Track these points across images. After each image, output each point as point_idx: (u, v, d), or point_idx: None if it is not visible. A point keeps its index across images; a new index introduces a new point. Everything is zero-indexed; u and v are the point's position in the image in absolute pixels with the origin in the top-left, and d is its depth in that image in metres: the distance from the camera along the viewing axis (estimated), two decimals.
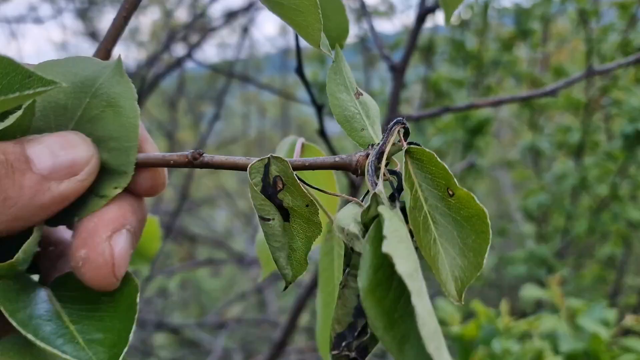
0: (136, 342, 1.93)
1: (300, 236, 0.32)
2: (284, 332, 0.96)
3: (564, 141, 1.84)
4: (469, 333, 0.99)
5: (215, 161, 0.34)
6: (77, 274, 0.32)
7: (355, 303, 0.27)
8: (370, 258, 0.25)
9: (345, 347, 0.27)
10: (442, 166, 0.29)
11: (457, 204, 0.29)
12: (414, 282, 0.23)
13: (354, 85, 0.36)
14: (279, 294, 2.55)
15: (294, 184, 0.31)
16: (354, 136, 0.33)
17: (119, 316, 0.31)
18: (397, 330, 0.25)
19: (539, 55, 2.15)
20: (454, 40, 1.96)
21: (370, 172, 0.29)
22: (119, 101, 0.34)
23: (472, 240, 0.28)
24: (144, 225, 0.36)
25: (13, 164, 0.30)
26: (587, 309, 1.11)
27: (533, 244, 1.89)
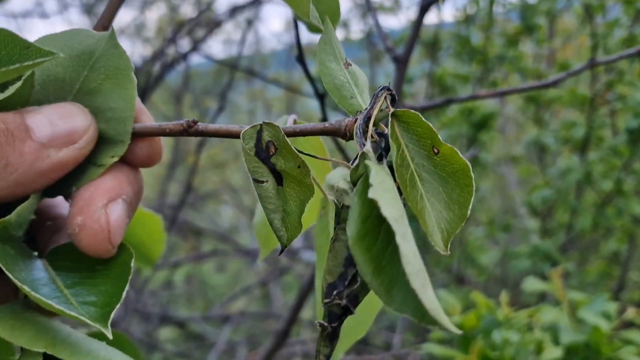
0: (141, 335, 1.95)
1: (294, 199, 0.33)
2: (287, 322, 0.97)
3: (569, 136, 1.84)
4: (469, 323, 0.99)
5: (209, 129, 0.35)
6: (74, 240, 0.33)
7: (345, 254, 0.29)
8: (358, 209, 0.26)
9: (337, 296, 0.29)
10: (427, 125, 0.30)
11: (442, 161, 0.30)
12: (399, 225, 0.24)
13: (343, 56, 0.37)
14: (284, 289, 2.56)
15: (286, 146, 0.32)
16: (343, 104, 0.34)
17: (112, 281, 0.32)
18: (385, 275, 0.26)
19: (545, 51, 2.15)
20: (459, 35, 1.96)
21: (359, 134, 0.30)
22: (116, 73, 0.35)
23: (457, 194, 0.30)
24: (140, 197, 0.37)
25: (13, 132, 0.31)
26: (588, 301, 1.12)
27: (537, 239, 1.89)
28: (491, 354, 0.94)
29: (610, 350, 1.04)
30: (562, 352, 0.99)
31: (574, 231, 1.87)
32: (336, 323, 0.29)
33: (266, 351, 0.95)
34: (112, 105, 0.35)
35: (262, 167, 0.32)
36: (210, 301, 2.73)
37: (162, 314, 2.04)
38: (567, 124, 1.87)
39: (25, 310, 0.33)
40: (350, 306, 0.29)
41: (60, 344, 0.30)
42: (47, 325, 0.31)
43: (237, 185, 3.12)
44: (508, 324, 1.01)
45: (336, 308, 0.29)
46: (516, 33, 1.95)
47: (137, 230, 0.53)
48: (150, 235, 0.54)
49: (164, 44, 1.72)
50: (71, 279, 0.33)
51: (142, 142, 0.36)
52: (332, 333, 0.29)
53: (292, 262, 2.27)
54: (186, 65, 2.19)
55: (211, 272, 2.97)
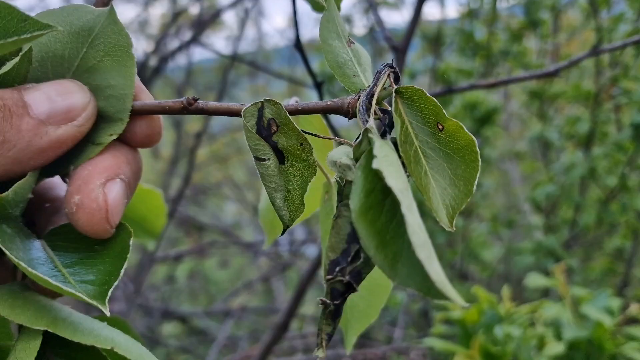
0: (144, 330, 1.95)
1: (296, 178, 0.33)
2: (286, 314, 0.96)
3: (573, 132, 1.83)
4: (470, 318, 0.99)
5: (209, 107, 0.34)
6: (71, 220, 0.33)
7: (348, 230, 0.28)
8: (361, 183, 0.26)
9: (339, 272, 0.28)
10: (432, 101, 0.29)
11: (447, 138, 0.30)
12: (404, 197, 0.24)
13: (346, 34, 0.37)
14: (287, 285, 2.56)
15: (288, 123, 0.31)
16: (345, 82, 0.34)
17: (111, 260, 0.32)
18: (389, 249, 0.25)
19: (549, 46, 2.13)
20: (462, 30, 1.95)
21: (362, 111, 0.30)
22: (115, 50, 0.35)
23: (462, 170, 0.29)
24: (138, 178, 0.37)
25: (11, 109, 0.31)
26: (591, 297, 1.11)
27: (541, 236, 1.88)
28: (492, 349, 0.93)
29: (613, 346, 1.03)
30: (564, 347, 0.99)
31: (577, 227, 1.86)
32: (339, 300, 0.28)
33: (265, 344, 0.94)
34: (111, 82, 0.35)
35: (263, 144, 0.32)
36: (212, 297, 2.73)
37: (165, 309, 2.04)
38: (572, 120, 1.86)
39: (24, 290, 0.32)
40: (353, 283, 0.28)
41: (62, 322, 0.30)
42: (48, 304, 0.31)
43: (240, 181, 3.12)
44: (510, 319, 1.00)
45: (339, 285, 0.28)
46: (520, 28, 1.94)
47: (138, 206, 0.53)
48: (151, 210, 0.54)
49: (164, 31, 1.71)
50: (69, 259, 0.32)
51: (141, 121, 0.36)
52: (335, 311, 0.28)
53: (295, 257, 2.27)
54: (188, 60, 2.19)
55: (214, 269, 2.96)
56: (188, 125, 2.54)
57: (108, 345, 0.29)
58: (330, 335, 0.29)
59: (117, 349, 0.29)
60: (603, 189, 1.81)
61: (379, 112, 0.31)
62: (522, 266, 1.77)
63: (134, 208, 0.54)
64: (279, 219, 0.33)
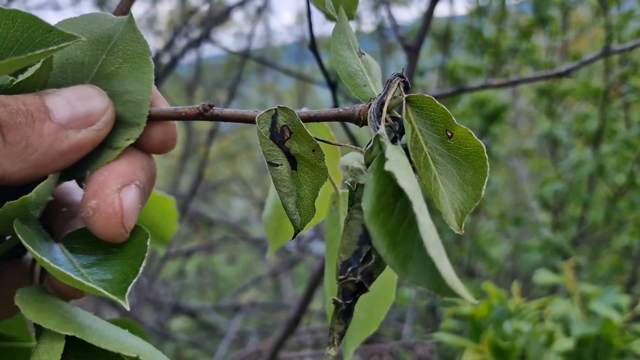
0: (153, 324, 1.97)
1: (307, 184, 0.33)
2: (298, 310, 0.97)
3: (582, 129, 1.82)
4: (480, 313, 0.99)
5: (224, 114, 0.35)
6: (87, 224, 0.34)
7: (360, 232, 0.29)
8: (373, 185, 0.27)
9: (351, 273, 0.29)
10: (441, 109, 0.30)
11: (455, 144, 0.31)
12: (416, 198, 0.25)
13: (357, 46, 0.38)
14: (294, 281, 2.57)
15: (301, 130, 0.32)
16: (356, 92, 0.35)
17: (128, 261, 0.33)
18: (400, 250, 0.26)
19: (558, 43, 2.13)
20: (471, 27, 1.95)
21: (373, 118, 0.31)
22: (134, 57, 0.35)
23: (471, 175, 0.30)
24: (152, 184, 0.37)
25: (33, 114, 0.32)
26: (600, 294, 1.11)
27: (548, 233, 1.88)
28: (502, 344, 0.94)
29: (621, 343, 1.03)
30: (573, 343, 0.99)
31: (585, 225, 1.85)
32: (350, 300, 0.29)
33: (277, 339, 0.95)
34: (129, 88, 0.36)
35: (276, 150, 0.33)
36: (221, 293, 2.74)
37: (174, 303, 2.06)
38: (580, 117, 1.85)
39: (46, 294, 0.33)
40: (364, 283, 0.29)
41: (88, 329, 0.30)
42: (72, 309, 0.32)
43: (248, 178, 3.13)
44: (519, 315, 1.01)
45: (350, 285, 0.29)
46: (529, 25, 1.93)
47: (151, 212, 0.54)
48: (164, 216, 0.55)
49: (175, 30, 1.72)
50: (87, 260, 0.33)
51: (157, 126, 0.36)
52: (347, 310, 0.29)
53: (303, 254, 2.28)
54: (198, 57, 2.20)
55: (222, 265, 2.98)
56: (197, 122, 2.55)
57: (134, 353, 0.30)
58: (341, 334, 0.30)
59: (142, 357, 0.30)
60: (611, 187, 1.81)
61: (390, 120, 0.32)
62: (530, 263, 1.77)
63: (146, 214, 0.55)
64: (291, 223, 0.34)
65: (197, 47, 1.73)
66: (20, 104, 0.32)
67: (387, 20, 0.86)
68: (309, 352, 1.43)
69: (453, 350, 1.59)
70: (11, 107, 0.31)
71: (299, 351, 1.56)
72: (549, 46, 2.16)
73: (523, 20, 2.01)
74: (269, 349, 0.95)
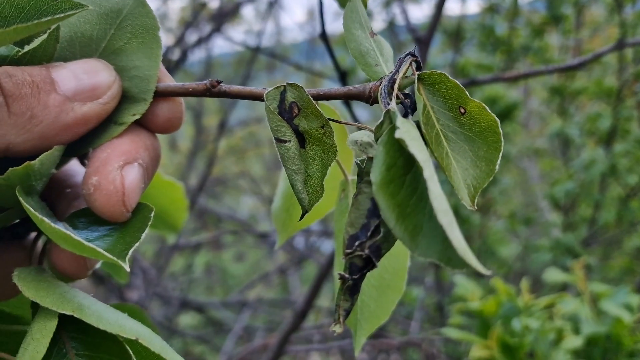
0: (161, 319, 1.97)
1: (316, 162, 0.33)
2: (306, 301, 0.97)
3: (594, 128, 1.80)
4: (489, 309, 0.98)
5: (232, 90, 0.35)
6: (88, 201, 0.33)
7: (368, 205, 0.28)
8: (383, 157, 0.26)
9: (358, 247, 0.28)
10: (454, 84, 0.30)
11: (469, 121, 0.30)
12: (427, 167, 0.24)
13: (369, 26, 0.37)
14: (303, 280, 2.57)
15: (310, 106, 0.32)
16: (367, 71, 0.34)
17: (131, 233, 0.32)
18: (409, 222, 0.25)
19: (571, 42, 2.11)
20: (483, 25, 1.94)
21: (384, 95, 0.30)
22: (142, 32, 0.35)
23: (484, 151, 0.29)
24: (157, 165, 0.37)
25: (38, 85, 0.32)
26: (610, 293, 1.10)
27: (559, 234, 1.86)
28: (510, 341, 0.93)
29: (631, 342, 1.02)
30: (582, 342, 0.98)
31: (596, 225, 1.83)
32: (357, 275, 0.28)
33: (284, 331, 0.95)
34: (137, 63, 0.35)
35: (285, 126, 0.32)
36: (229, 289, 2.75)
37: (182, 298, 2.06)
38: (593, 116, 1.83)
39: (45, 274, 0.33)
40: (372, 257, 0.28)
41: (87, 309, 0.30)
42: (71, 290, 0.31)
43: (257, 175, 3.13)
44: (528, 312, 1.00)
45: (358, 260, 0.28)
46: (542, 23, 1.92)
47: (160, 198, 0.54)
48: (172, 202, 0.54)
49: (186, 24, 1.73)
50: (91, 236, 0.33)
51: (163, 103, 0.36)
52: (353, 286, 0.29)
53: (311, 251, 2.27)
54: (208, 53, 2.20)
55: (230, 262, 2.99)
56: (206, 119, 2.56)
57: (133, 335, 0.29)
58: (347, 311, 0.29)
59: (141, 340, 0.29)
60: (623, 187, 1.79)
61: (401, 96, 0.31)
62: (540, 263, 1.76)
63: (154, 199, 0.54)
64: (298, 202, 0.33)
65: (207, 42, 1.74)
66: (26, 75, 0.31)
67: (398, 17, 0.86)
68: (317, 346, 1.43)
69: (460, 352, 1.58)
70: (17, 77, 0.31)
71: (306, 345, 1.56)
72: (561, 45, 2.14)
73: (536, 18, 2.00)
74: (276, 342, 0.94)
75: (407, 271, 0.40)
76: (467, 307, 1.02)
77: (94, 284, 1.61)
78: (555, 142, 2.04)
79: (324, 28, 0.72)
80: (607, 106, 1.86)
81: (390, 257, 0.36)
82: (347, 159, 0.42)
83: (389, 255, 0.29)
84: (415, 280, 2.04)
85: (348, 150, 0.41)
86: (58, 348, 0.31)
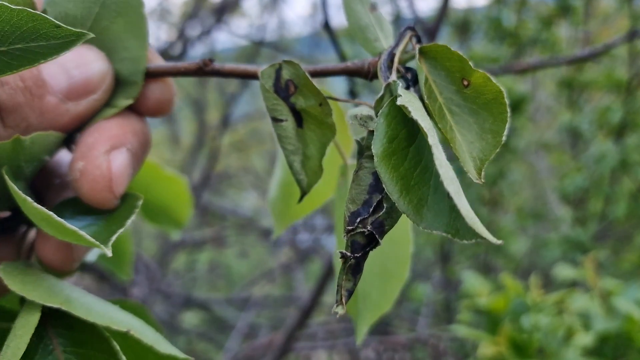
0: (165, 316, 1.96)
1: (314, 142, 0.31)
2: (311, 298, 0.96)
3: (604, 121, 1.77)
4: (497, 306, 0.96)
5: (226, 68, 0.33)
6: (75, 187, 0.32)
7: (370, 180, 0.27)
8: (384, 129, 0.25)
9: (360, 224, 0.26)
10: (457, 56, 0.28)
11: (472, 94, 0.28)
12: (431, 135, 0.23)
13: (369, 1, 0.36)
14: (307, 276, 2.56)
15: (307, 83, 0.30)
16: (367, 46, 0.33)
17: (117, 221, 0.31)
18: (414, 195, 0.24)
19: (581, 33, 2.07)
20: (490, 17, 1.91)
21: (383, 69, 0.29)
22: (127, 10, 0.34)
23: (490, 124, 0.28)
24: (146, 150, 0.36)
25: (31, 90, 0.30)
26: (621, 289, 1.08)
27: (569, 229, 1.83)
28: (519, 338, 0.91)
29: None
30: (593, 338, 0.96)
31: (607, 220, 1.81)
32: (360, 254, 0.26)
33: (289, 328, 0.93)
34: (125, 44, 0.34)
35: (281, 104, 0.31)
36: (232, 286, 2.74)
37: (186, 295, 2.05)
38: (603, 109, 1.80)
39: (33, 267, 0.32)
40: (376, 234, 0.26)
41: (75, 302, 0.29)
42: (59, 283, 0.31)
43: (260, 171, 3.12)
44: (537, 308, 0.98)
45: (360, 237, 0.26)
46: (551, 15, 1.89)
47: (163, 193, 0.52)
48: (176, 198, 0.53)
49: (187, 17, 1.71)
50: (78, 224, 0.32)
51: (154, 85, 0.35)
52: (355, 265, 0.27)
53: (315, 248, 2.26)
54: (210, 49, 2.19)
55: (233, 260, 2.98)
56: (208, 114, 2.55)
57: (124, 328, 0.28)
58: (350, 291, 0.27)
59: (132, 332, 0.28)
60: (634, 181, 1.76)
61: (402, 69, 0.29)
62: (549, 259, 1.73)
63: (157, 194, 0.53)
64: (297, 184, 0.32)
65: (209, 35, 1.72)
66: (17, 79, 0.30)
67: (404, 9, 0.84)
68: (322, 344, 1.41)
69: (467, 349, 1.56)
70: (9, 85, 0.30)
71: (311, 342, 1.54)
72: (571, 37, 2.11)
73: (544, 9, 1.96)
74: (281, 339, 0.93)
75: (410, 258, 0.39)
76: (475, 304, 1.00)
77: (97, 281, 1.60)
78: (564, 136, 2.02)
79: (327, 18, 0.71)
80: (617, 98, 1.83)
81: (392, 244, 0.35)
82: (346, 144, 0.41)
83: (392, 242, 0.27)
84: (422, 276, 2.02)
85: (347, 134, 0.40)
86: (44, 344, 0.29)
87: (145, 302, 1.64)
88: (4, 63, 0.26)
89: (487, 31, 1.92)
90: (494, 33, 1.91)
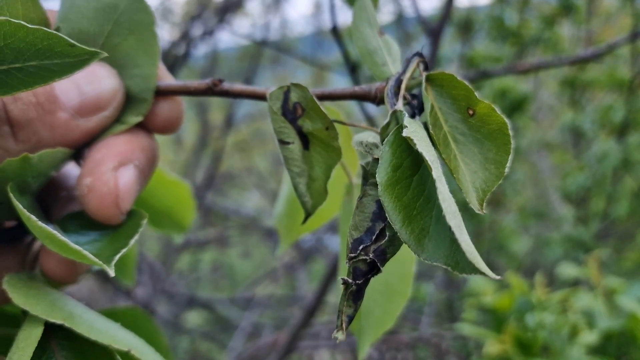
0: (169, 316, 1.97)
1: (320, 164, 0.32)
2: (315, 298, 0.96)
3: (607, 120, 1.78)
4: (502, 304, 0.97)
5: (234, 89, 0.34)
6: (82, 202, 0.32)
7: (373, 208, 0.27)
8: (389, 158, 0.25)
9: (362, 251, 0.27)
10: (463, 85, 0.28)
11: (477, 123, 0.28)
12: (435, 168, 0.23)
13: (378, 25, 0.36)
14: (310, 276, 2.56)
15: (314, 106, 0.31)
16: (375, 70, 0.34)
17: (121, 239, 0.31)
18: (416, 224, 0.24)
19: (583, 32, 2.07)
20: (492, 16, 1.91)
21: (390, 95, 0.29)
22: (140, 28, 0.34)
23: (494, 154, 0.28)
24: (153, 166, 0.36)
25: (43, 106, 0.31)
26: (624, 287, 1.08)
27: (571, 227, 1.84)
28: (524, 336, 0.92)
29: None
30: (597, 337, 0.96)
31: (609, 219, 1.81)
32: (361, 280, 0.27)
33: (294, 327, 0.94)
34: (136, 61, 0.34)
35: (288, 127, 0.31)
36: (236, 286, 2.75)
37: (190, 295, 2.06)
38: (605, 108, 1.80)
39: (36, 280, 0.32)
40: (377, 262, 0.27)
41: (78, 318, 0.29)
42: (62, 298, 0.31)
43: (263, 171, 3.13)
44: (542, 307, 0.98)
45: (362, 264, 0.27)
46: (553, 13, 1.88)
47: (166, 198, 0.53)
48: (180, 202, 0.53)
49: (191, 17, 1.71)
50: (82, 240, 0.32)
51: (163, 102, 0.35)
52: (357, 292, 0.27)
53: (318, 248, 2.27)
54: (213, 48, 2.19)
55: (237, 260, 2.98)
56: (211, 115, 2.55)
57: (125, 347, 0.29)
58: (350, 317, 0.28)
59: (133, 351, 0.29)
60: (636, 180, 1.76)
61: (408, 97, 0.30)
62: (552, 258, 1.74)
63: (160, 198, 0.54)
64: (301, 205, 0.32)
65: (212, 34, 1.72)
66: (30, 95, 0.31)
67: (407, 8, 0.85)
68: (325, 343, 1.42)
69: (469, 348, 1.57)
70: (22, 100, 0.30)
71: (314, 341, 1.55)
72: (573, 36, 2.11)
73: (547, 8, 1.96)
74: (286, 338, 0.94)
75: (413, 276, 0.39)
76: (480, 302, 1.00)
77: (101, 282, 1.60)
78: (567, 135, 2.02)
79: (335, 23, 0.71)
80: (619, 97, 1.83)
81: (395, 262, 0.35)
82: (352, 163, 0.41)
83: (395, 260, 0.28)
84: (425, 276, 2.02)
85: (353, 153, 0.40)
86: (47, 356, 0.30)
87: (149, 302, 1.65)
88: (18, 80, 0.27)
89: (490, 30, 1.92)
90: (497, 32, 1.91)
